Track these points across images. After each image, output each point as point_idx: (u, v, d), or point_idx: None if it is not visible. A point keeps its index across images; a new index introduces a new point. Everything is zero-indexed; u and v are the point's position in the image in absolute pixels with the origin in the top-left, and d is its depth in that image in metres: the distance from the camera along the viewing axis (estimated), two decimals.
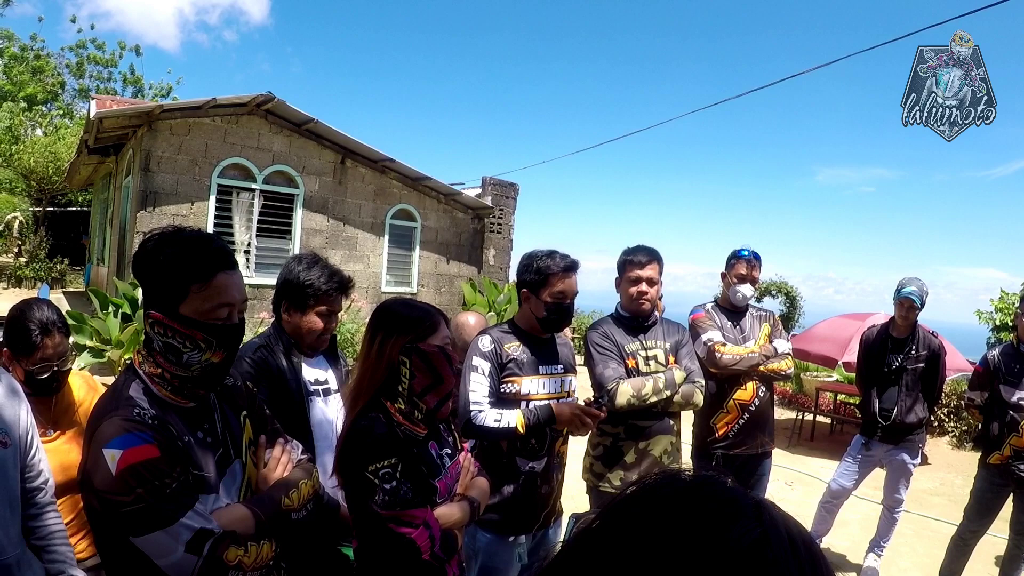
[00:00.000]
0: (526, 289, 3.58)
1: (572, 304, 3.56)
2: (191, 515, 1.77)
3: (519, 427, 3.26)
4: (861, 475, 5.96)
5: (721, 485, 0.68)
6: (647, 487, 0.70)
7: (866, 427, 5.91)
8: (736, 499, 0.66)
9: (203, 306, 1.91)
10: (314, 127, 14.40)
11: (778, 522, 0.64)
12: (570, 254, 3.55)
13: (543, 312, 3.50)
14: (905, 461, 5.80)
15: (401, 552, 2.27)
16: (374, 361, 2.49)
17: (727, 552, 0.60)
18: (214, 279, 1.92)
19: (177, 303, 1.90)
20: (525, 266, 3.61)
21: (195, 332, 1.91)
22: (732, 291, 4.90)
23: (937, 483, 9.39)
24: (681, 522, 0.63)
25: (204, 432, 2.01)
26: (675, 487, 0.69)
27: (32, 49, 35.94)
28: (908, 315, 5.67)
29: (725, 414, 4.73)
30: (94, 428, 1.83)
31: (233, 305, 1.98)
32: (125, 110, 13.32)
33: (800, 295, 18.93)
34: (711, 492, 0.67)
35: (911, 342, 5.75)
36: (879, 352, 5.84)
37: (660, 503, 0.67)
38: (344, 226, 15.29)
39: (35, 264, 23.18)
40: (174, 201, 13.12)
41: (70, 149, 23.26)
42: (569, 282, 3.51)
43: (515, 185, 18.61)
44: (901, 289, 5.64)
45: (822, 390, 12.20)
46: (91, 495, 1.79)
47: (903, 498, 5.94)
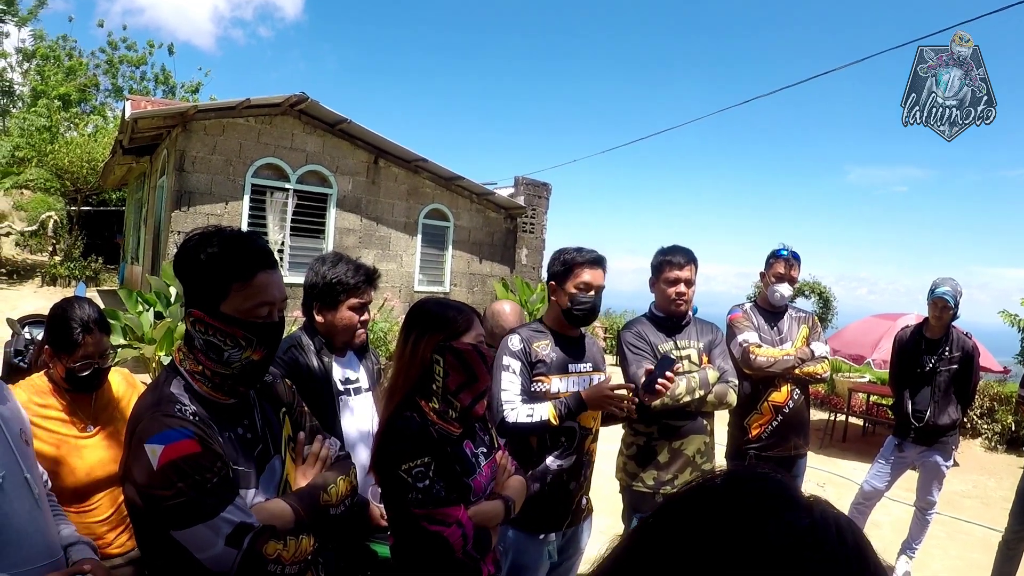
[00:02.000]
0: (553, 281, 3.59)
1: (598, 297, 3.55)
2: (231, 509, 1.79)
3: (552, 419, 3.25)
4: (894, 476, 5.89)
5: (775, 479, 0.70)
6: (704, 482, 0.72)
7: (899, 428, 5.85)
8: (788, 491, 0.68)
9: (244, 304, 1.93)
10: (347, 127, 14.48)
11: (828, 514, 0.65)
12: (600, 252, 3.57)
13: (568, 303, 3.50)
14: (938, 463, 5.73)
15: (434, 550, 2.28)
16: (408, 360, 2.50)
17: (776, 538, 0.62)
18: (255, 278, 1.95)
19: (218, 301, 1.92)
20: (553, 259, 3.64)
21: (236, 330, 1.94)
22: (770, 291, 4.87)
23: (970, 485, 9.29)
24: (735, 511, 0.65)
25: (244, 428, 2.03)
26: (731, 480, 0.71)
27: (64, 49, 36.28)
28: (942, 316, 5.60)
29: (759, 415, 4.70)
30: (136, 424, 1.86)
31: (273, 303, 2.00)
32: (160, 111, 13.46)
33: (834, 295, 18.79)
34: (765, 484, 0.69)
35: (945, 343, 5.69)
36: (913, 353, 5.78)
37: (716, 494, 0.69)
38: (377, 226, 15.36)
39: (69, 263, 23.38)
40: (208, 201, 13.24)
41: (105, 149, 23.48)
42: (595, 273, 3.51)
43: (547, 185, 18.63)
44: (935, 289, 5.57)
45: (855, 391, 12.11)
46: (132, 489, 1.81)
47: (936, 500, 5.86)
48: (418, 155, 15.29)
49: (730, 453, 4.94)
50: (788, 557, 0.61)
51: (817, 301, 18.58)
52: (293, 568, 1.90)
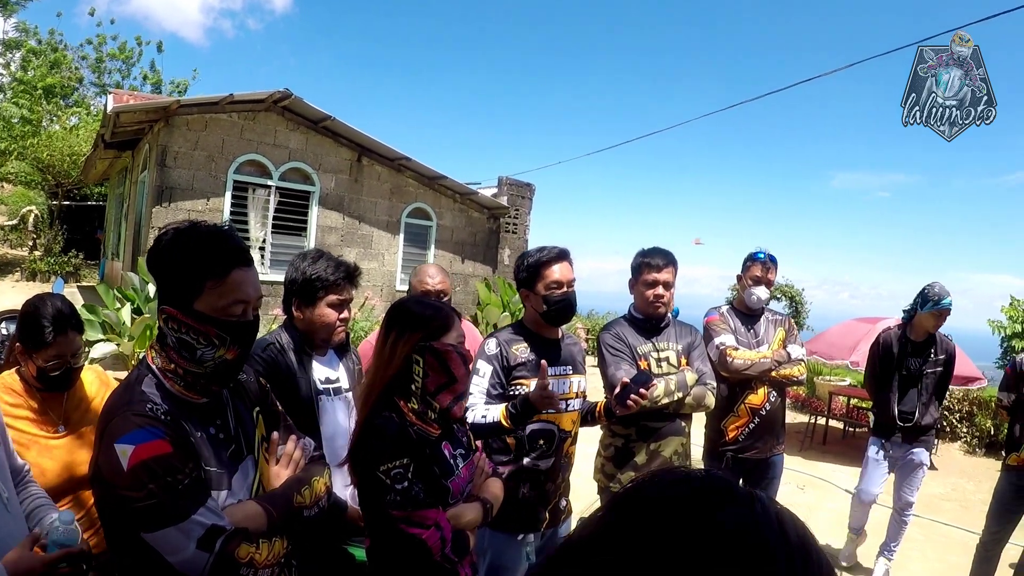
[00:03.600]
0: (523, 288, 3.57)
1: (572, 292, 3.53)
2: (203, 511, 1.77)
3: (502, 420, 3.21)
4: (884, 476, 6.01)
5: (716, 476, 0.71)
6: (646, 480, 0.72)
7: (882, 429, 5.90)
8: (729, 488, 0.68)
9: (218, 303, 1.90)
10: (331, 124, 14.44)
11: (769, 511, 0.66)
12: (578, 252, 3.55)
13: (543, 306, 3.48)
14: (922, 460, 5.83)
15: (412, 553, 2.27)
16: (387, 359, 2.48)
17: (713, 534, 0.62)
18: (229, 275, 1.91)
19: (192, 299, 1.89)
20: (517, 266, 3.62)
21: (209, 328, 1.91)
22: (747, 294, 4.88)
23: (949, 488, 9.36)
24: (673, 507, 0.66)
25: (217, 428, 2.00)
26: (671, 478, 0.71)
27: (49, 43, 35.97)
28: (940, 323, 5.69)
29: (736, 418, 4.72)
30: (106, 423, 1.83)
31: (248, 302, 1.97)
32: (142, 105, 13.39)
33: (806, 299, 18.92)
34: (705, 481, 0.70)
35: (931, 346, 5.77)
36: (899, 355, 5.83)
37: (656, 492, 0.70)
38: (360, 224, 15.32)
39: (50, 258, 23.26)
40: (190, 197, 13.17)
41: (87, 143, 23.33)
42: (563, 269, 3.49)
43: (531, 185, 18.63)
44: (942, 300, 5.57)
45: (835, 394, 12.16)
46: (102, 490, 1.80)
47: (914, 500, 5.93)
48: (401, 154, 15.26)
49: (707, 455, 4.95)
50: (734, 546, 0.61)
51: (788, 304, 18.68)
52: (266, 571, 1.88)
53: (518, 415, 3.21)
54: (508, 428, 3.25)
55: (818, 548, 0.66)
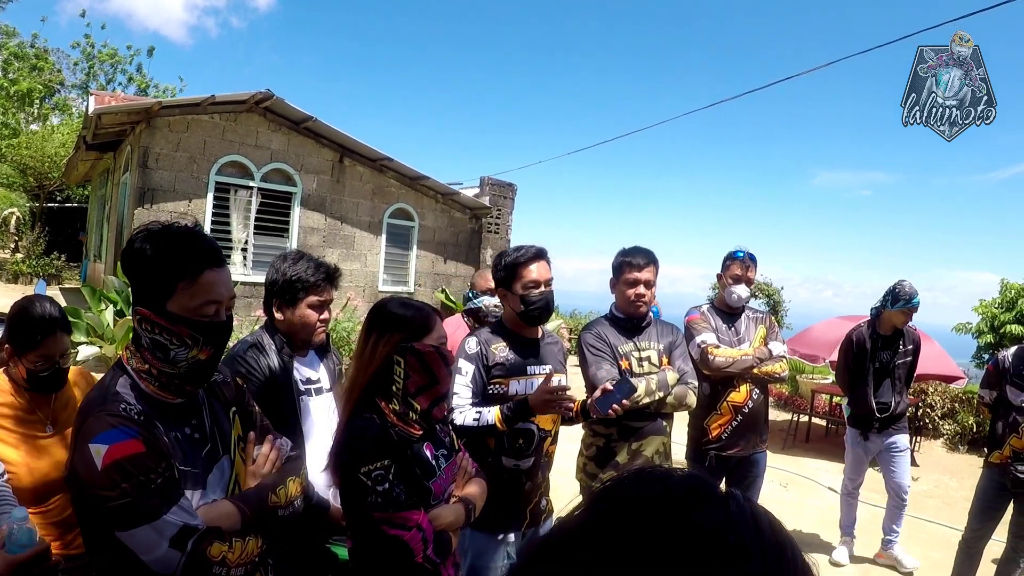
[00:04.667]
0: (501, 288, 3.59)
1: (550, 291, 3.55)
2: (176, 511, 1.78)
3: (497, 423, 3.24)
4: (866, 466, 6.40)
5: (693, 475, 0.71)
6: (623, 479, 0.72)
7: (860, 421, 6.19)
8: (705, 487, 0.69)
9: (190, 303, 1.91)
10: (313, 125, 14.39)
11: (744, 509, 0.66)
12: (561, 252, 3.56)
13: (520, 306, 3.49)
14: (905, 444, 6.17)
15: (394, 554, 2.27)
16: (368, 359, 2.49)
17: (690, 533, 0.62)
18: (201, 276, 1.92)
19: (164, 300, 1.90)
20: (495, 265, 3.63)
21: (181, 329, 1.91)
22: (727, 292, 4.91)
23: (931, 485, 9.40)
24: (649, 507, 0.66)
25: (192, 428, 2.01)
26: (648, 477, 0.71)
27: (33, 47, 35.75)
28: (908, 319, 5.98)
29: (719, 416, 4.74)
30: (81, 423, 1.84)
31: (220, 302, 1.98)
32: (124, 106, 13.32)
33: (784, 297, 19.00)
34: (682, 480, 0.70)
35: (899, 338, 6.09)
36: (872, 350, 6.08)
37: (634, 491, 0.70)
38: (342, 225, 15.28)
39: (32, 260, 23.13)
40: (172, 198, 13.11)
41: (69, 145, 23.22)
42: (540, 268, 3.50)
43: (513, 185, 18.63)
44: (912, 299, 5.83)
45: (818, 392, 12.21)
46: (77, 489, 1.80)
47: (909, 482, 6.25)
48: (383, 154, 15.23)
49: (690, 454, 4.98)
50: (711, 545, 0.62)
51: (767, 303, 18.76)
52: (239, 570, 1.88)
53: (514, 418, 3.23)
54: (502, 431, 3.27)
55: (794, 545, 0.67)
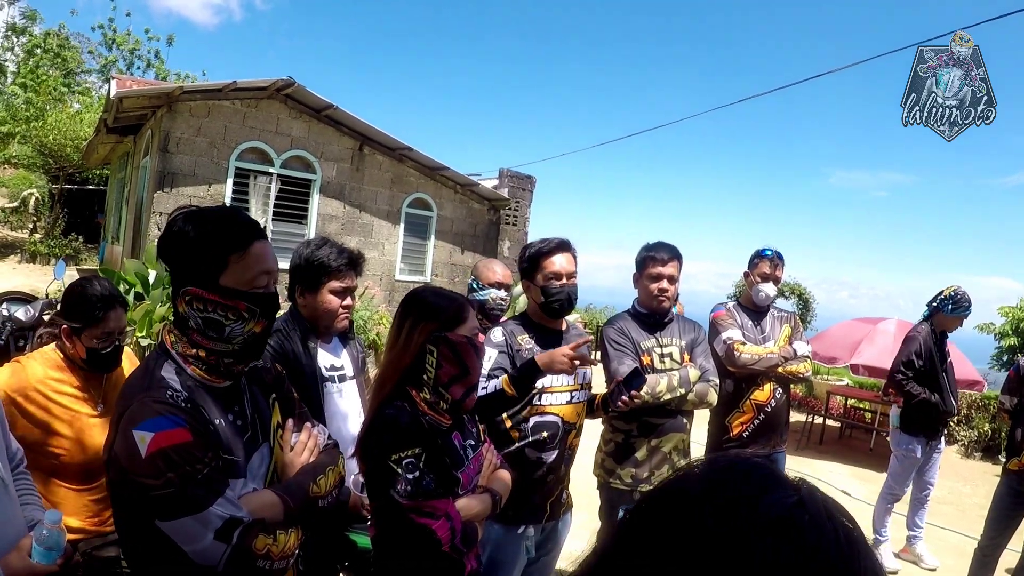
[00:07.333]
0: (525, 279, 3.57)
1: (572, 285, 3.52)
2: (222, 502, 1.76)
3: (505, 387, 3.17)
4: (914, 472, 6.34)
5: (762, 463, 0.72)
6: (695, 467, 0.74)
7: (928, 426, 6.15)
8: (775, 473, 0.70)
9: (244, 275, 1.90)
10: (333, 113, 14.41)
11: (816, 494, 0.68)
12: (578, 245, 3.54)
13: (542, 297, 3.48)
14: (943, 443, 6.34)
15: (421, 542, 2.27)
16: (401, 348, 2.49)
17: (762, 515, 0.63)
18: (251, 247, 1.92)
19: (217, 275, 1.89)
20: (520, 256, 3.62)
21: (238, 302, 1.90)
22: (755, 290, 4.89)
23: (945, 491, 9.35)
24: (722, 490, 0.67)
25: (234, 415, 1.99)
26: (720, 463, 0.73)
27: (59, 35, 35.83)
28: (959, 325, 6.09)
29: (741, 414, 4.72)
30: (124, 407, 1.81)
31: (271, 272, 1.98)
32: (145, 90, 13.37)
33: (814, 298, 18.90)
34: (752, 465, 0.71)
35: (944, 341, 6.16)
36: (939, 353, 6.08)
37: (705, 477, 0.71)
38: (360, 213, 15.29)
39: (50, 241, 23.27)
40: (191, 183, 13.15)
41: (89, 127, 23.30)
42: (563, 260, 3.48)
43: (532, 178, 18.62)
44: (970, 305, 5.93)
45: (833, 394, 12.17)
46: (118, 475, 1.78)
47: (936, 478, 6.39)
48: (403, 143, 15.22)
49: (709, 451, 4.95)
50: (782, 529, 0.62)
51: (797, 302, 18.68)
52: (282, 563, 1.87)
53: (520, 378, 3.16)
54: (511, 395, 3.18)
55: (859, 530, 0.67)
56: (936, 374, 5.99)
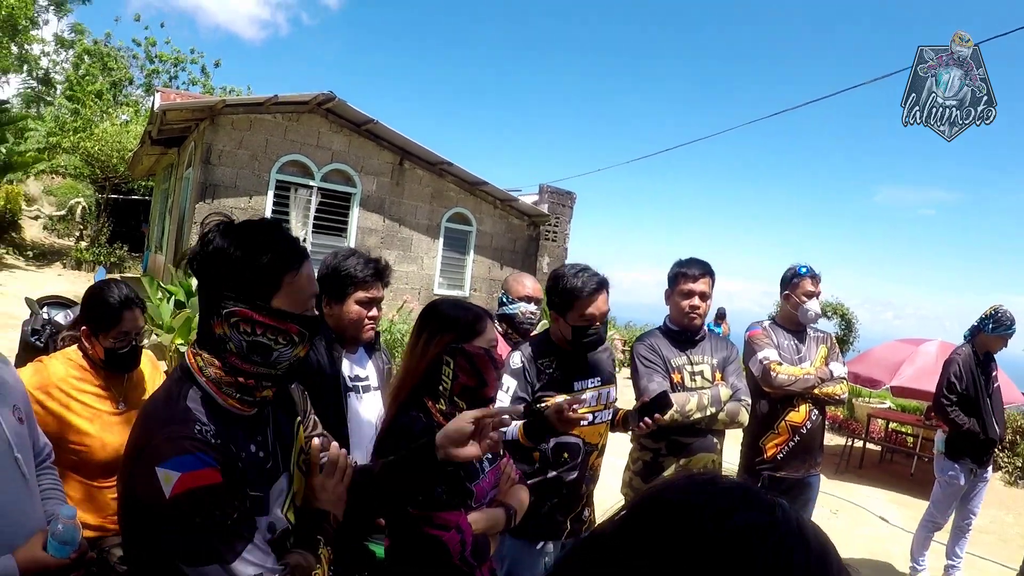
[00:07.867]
0: (554, 311, 3.48)
1: (604, 326, 3.44)
2: (251, 550, 1.65)
3: (520, 438, 3.15)
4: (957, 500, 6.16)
5: (741, 483, 0.72)
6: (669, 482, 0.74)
7: (975, 452, 5.95)
8: (753, 492, 0.70)
9: (297, 297, 1.77)
10: (373, 127, 14.53)
11: (791, 517, 0.67)
12: (606, 270, 3.43)
13: (570, 335, 3.40)
14: (990, 472, 6.15)
15: (432, 554, 2.24)
16: (417, 359, 2.48)
17: (728, 532, 0.63)
18: (303, 267, 1.78)
19: (270, 296, 1.73)
20: (551, 287, 3.49)
21: (290, 326, 1.76)
22: (802, 310, 4.70)
23: (987, 520, 9.12)
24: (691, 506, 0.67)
25: (257, 445, 1.84)
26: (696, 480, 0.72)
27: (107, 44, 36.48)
28: (1004, 346, 5.93)
29: (775, 435, 4.60)
30: (146, 440, 1.67)
31: (316, 294, 1.86)
32: (188, 104, 13.59)
33: (856, 318, 18.67)
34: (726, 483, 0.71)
35: (991, 362, 6.00)
36: (983, 376, 5.94)
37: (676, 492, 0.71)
38: (400, 227, 15.38)
39: (95, 249, 23.72)
40: (232, 194, 13.32)
41: (135, 139, 23.70)
42: (598, 303, 3.37)
43: (572, 194, 18.63)
44: (1013, 324, 5.81)
45: (874, 417, 11.97)
46: (136, 512, 1.65)
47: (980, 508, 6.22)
48: (443, 158, 15.33)
49: (742, 473, 4.84)
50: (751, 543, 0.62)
51: (840, 323, 18.46)
52: None
53: (534, 432, 3.15)
54: (527, 446, 3.19)
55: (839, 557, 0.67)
56: (979, 398, 5.83)
